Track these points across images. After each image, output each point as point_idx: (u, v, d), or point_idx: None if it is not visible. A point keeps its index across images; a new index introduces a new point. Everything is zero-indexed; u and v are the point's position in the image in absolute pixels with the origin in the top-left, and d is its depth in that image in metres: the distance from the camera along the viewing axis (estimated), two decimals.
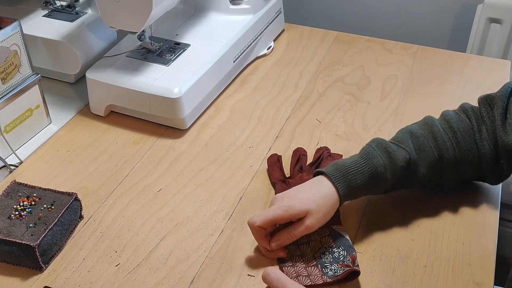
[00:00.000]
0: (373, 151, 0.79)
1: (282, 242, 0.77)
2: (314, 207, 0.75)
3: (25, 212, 0.81)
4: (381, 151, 0.79)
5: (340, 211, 0.83)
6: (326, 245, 0.77)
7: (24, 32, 0.93)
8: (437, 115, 0.98)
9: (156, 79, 1.00)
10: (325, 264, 0.75)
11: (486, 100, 0.84)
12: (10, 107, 0.94)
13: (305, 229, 0.75)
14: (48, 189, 0.85)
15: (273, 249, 0.77)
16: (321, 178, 0.78)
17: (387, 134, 0.99)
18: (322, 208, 0.76)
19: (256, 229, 0.76)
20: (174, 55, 1.05)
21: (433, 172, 0.81)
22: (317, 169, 0.80)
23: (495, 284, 0.75)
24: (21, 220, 0.80)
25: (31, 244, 0.75)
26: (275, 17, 1.26)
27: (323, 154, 0.91)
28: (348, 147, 0.97)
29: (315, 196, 0.76)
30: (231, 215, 0.85)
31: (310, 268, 0.75)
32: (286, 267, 0.76)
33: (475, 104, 0.86)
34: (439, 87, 1.11)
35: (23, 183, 0.86)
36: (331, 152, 0.93)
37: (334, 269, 0.74)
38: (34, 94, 0.99)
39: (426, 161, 0.80)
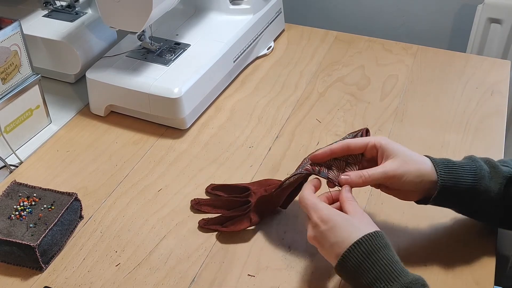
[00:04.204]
0: (476, 158, 0.75)
1: (351, 179, 0.72)
2: (405, 160, 0.71)
3: (25, 212, 0.81)
4: (484, 160, 0.75)
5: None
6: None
7: (24, 32, 0.93)
8: (437, 115, 0.99)
9: (156, 79, 1.00)
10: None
11: None
12: (10, 107, 0.94)
13: (381, 170, 0.72)
14: (48, 189, 0.85)
15: (340, 182, 0.73)
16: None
17: (387, 134, 0.99)
18: (412, 169, 0.71)
19: (342, 144, 0.74)
20: (174, 55, 1.05)
21: None
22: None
23: (495, 283, 0.75)
24: (21, 220, 0.80)
25: (31, 244, 0.75)
26: (275, 17, 1.26)
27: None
28: None
29: (415, 157, 0.73)
30: None
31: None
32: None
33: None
34: (439, 87, 1.11)
35: (23, 183, 0.86)
36: None
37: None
38: (34, 94, 0.99)
39: None
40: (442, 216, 0.84)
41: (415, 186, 0.73)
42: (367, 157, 0.76)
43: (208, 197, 0.88)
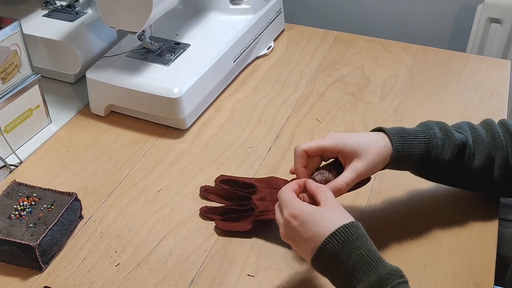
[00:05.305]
0: (431, 125, 0.78)
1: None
2: (366, 152, 0.73)
3: (25, 212, 0.81)
4: (439, 127, 0.78)
5: None
6: None
7: (24, 32, 0.93)
8: (437, 115, 0.99)
9: (156, 79, 1.00)
10: None
11: None
12: (10, 107, 0.94)
13: (354, 174, 0.72)
14: (48, 189, 0.85)
15: None
16: (379, 133, 0.77)
17: None
18: (374, 157, 0.73)
19: (300, 153, 0.74)
20: (174, 55, 1.05)
21: (485, 169, 0.78)
22: (377, 127, 0.79)
23: (495, 284, 0.75)
24: (21, 220, 0.80)
25: (31, 244, 0.75)
26: (275, 17, 1.26)
27: None
28: None
29: (370, 143, 0.73)
30: None
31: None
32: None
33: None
34: (439, 87, 1.11)
35: (23, 183, 0.86)
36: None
37: None
38: (34, 94, 0.99)
39: (482, 154, 0.78)
40: (442, 216, 0.84)
41: (379, 167, 0.75)
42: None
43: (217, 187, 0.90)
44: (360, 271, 0.62)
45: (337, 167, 0.75)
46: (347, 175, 0.73)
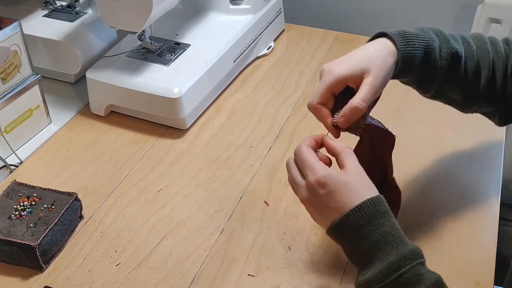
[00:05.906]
0: (427, 30, 0.75)
1: (348, 117, 0.68)
2: (371, 65, 0.68)
3: (25, 212, 0.81)
4: (434, 32, 0.75)
5: None
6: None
7: (24, 32, 0.93)
8: (437, 115, 0.99)
9: (156, 79, 1.00)
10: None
11: None
12: (10, 107, 0.94)
13: (368, 89, 0.67)
14: (48, 189, 0.85)
15: (341, 126, 0.69)
16: (379, 39, 0.72)
17: None
18: (382, 66, 0.69)
19: (315, 108, 0.69)
20: (174, 55, 1.05)
21: (473, 84, 0.77)
22: (377, 32, 0.74)
23: (495, 283, 0.75)
24: (21, 220, 0.80)
25: (32, 244, 0.75)
26: (275, 17, 1.26)
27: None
28: None
29: (372, 55, 0.69)
30: (231, 215, 0.85)
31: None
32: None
33: None
34: None
35: (23, 183, 0.86)
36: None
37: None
38: (34, 94, 0.99)
39: (471, 70, 0.76)
40: (442, 215, 0.84)
41: (389, 75, 0.71)
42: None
43: None
44: (382, 249, 0.61)
45: (350, 94, 0.70)
46: (362, 91, 0.68)
